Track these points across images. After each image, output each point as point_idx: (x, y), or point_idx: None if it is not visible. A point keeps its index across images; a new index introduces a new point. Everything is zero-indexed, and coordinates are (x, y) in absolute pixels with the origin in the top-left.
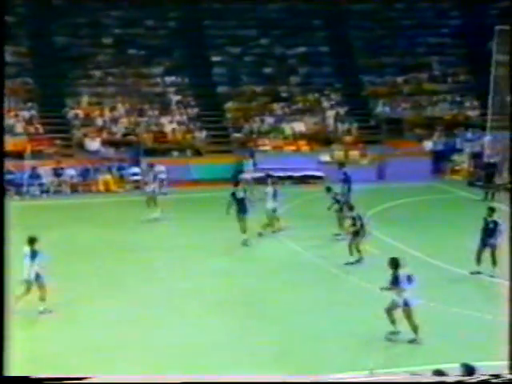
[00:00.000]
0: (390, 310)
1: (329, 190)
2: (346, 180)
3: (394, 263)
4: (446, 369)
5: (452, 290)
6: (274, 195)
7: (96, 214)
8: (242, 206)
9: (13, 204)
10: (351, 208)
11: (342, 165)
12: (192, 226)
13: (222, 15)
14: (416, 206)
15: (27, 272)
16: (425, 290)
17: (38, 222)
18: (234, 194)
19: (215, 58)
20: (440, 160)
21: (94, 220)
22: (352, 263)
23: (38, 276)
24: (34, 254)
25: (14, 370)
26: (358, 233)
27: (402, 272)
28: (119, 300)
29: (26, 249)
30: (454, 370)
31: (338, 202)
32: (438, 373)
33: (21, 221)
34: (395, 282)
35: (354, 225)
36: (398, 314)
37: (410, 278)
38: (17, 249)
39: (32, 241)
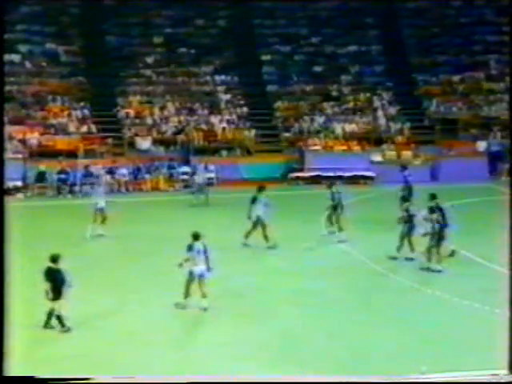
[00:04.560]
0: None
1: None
2: (407, 183)
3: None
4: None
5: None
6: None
7: (146, 212)
8: None
9: (65, 203)
10: (432, 210)
11: (404, 167)
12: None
13: (272, 13)
14: (471, 207)
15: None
16: (479, 293)
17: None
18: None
19: (265, 57)
20: (496, 161)
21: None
22: (433, 270)
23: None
24: None
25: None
26: (440, 236)
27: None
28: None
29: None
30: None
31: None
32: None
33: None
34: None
35: (434, 228)
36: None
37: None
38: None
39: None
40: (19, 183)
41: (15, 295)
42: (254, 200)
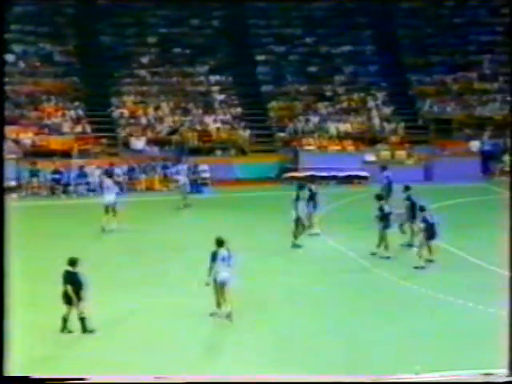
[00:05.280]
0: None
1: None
2: (389, 183)
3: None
4: (494, 372)
5: (499, 293)
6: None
7: (140, 212)
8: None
9: (60, 203)
10: (423, 209)
11: (383, 168)
12: (233, 226)
13: (266, 14)
14: (464, 207)
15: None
16: (472, 292)
17: (84, 219)
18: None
19: (259, 57)
20: (489, 161)
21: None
22: (423, 267)
23: None
24: None
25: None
26: (431, 234)
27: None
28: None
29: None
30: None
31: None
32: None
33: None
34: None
35: (426, 227)
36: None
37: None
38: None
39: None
40: (13, 183)
41: (14, 295)
42: (297, 198)
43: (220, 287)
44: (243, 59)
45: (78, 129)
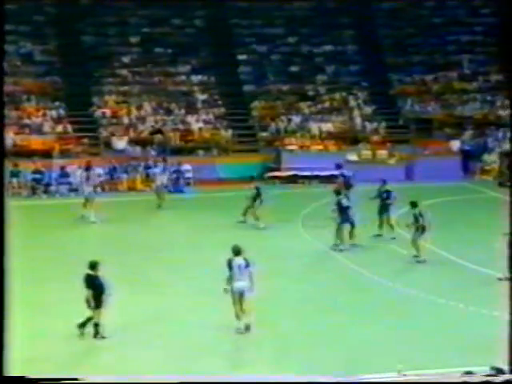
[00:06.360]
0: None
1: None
2: (347, 179)
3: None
4: (475, 371)
5: (480, 291)
6: None
7: (122, 212)
8: None
9: (41, 203)
10: (414, 205)
11: (339, 165)
12: (214, 225)
13: (248, 13)
14: (445, 206)
15: None
16: (453, 291)
17: (63, 220)
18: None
19: (242, 57)
20: (470, 160)
21: (121, 219)
22: (418, 258)
23: None
24: None
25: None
26: (423, 229)
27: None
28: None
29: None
30: (483, 372)
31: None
32: (468, 374)
33: (48, 219)
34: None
35: (417, 221)
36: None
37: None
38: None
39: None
40: None
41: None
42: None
43: (238, 297)
44: (225, 59)
45: (59, 129)
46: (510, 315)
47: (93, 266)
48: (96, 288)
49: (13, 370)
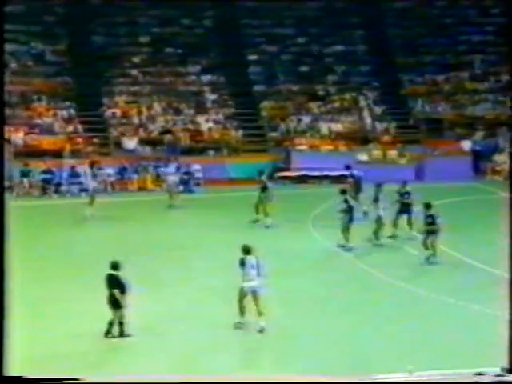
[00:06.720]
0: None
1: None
2: (357, 180)
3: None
4: (486, 371)
5: (492, 292)
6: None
7: (132, 212)
8: None
9: (52, 202)
10: (428, 206)
11: (347, 167)
12: (225, 225)
13: (258, 14)
14: (455, 206)
15: None
16: (462, 291)
17: (73, 219)
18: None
19: (251, 57)
20: (481, 160)
21: (131, 219)
22: (429, 259)
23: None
24: None
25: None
26: (434, 231)
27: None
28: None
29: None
30: (494, 373)
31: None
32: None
33: (59, 219)
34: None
35: (431, 223)
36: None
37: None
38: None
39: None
40: (5, 183)
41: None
42: (376, 199)
43: (252, 297)
44: (235, 59)
45: (70, 129)
46: (510, 315)
47: (115, 265)
48: (120, 287)
49: (28, 369)
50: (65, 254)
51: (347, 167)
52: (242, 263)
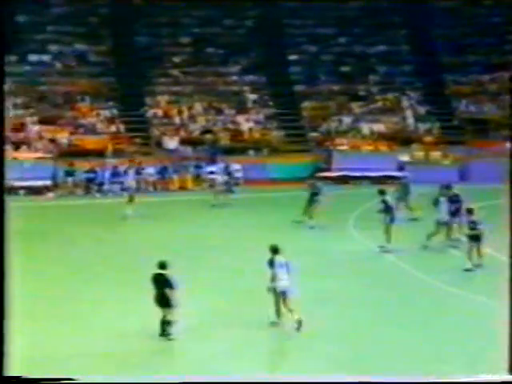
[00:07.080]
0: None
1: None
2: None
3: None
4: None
5: None
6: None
7: (173, 211)
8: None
9: (95, 201)
10: (470, 211)
11: (401, 167)
12: (265, 225)
13: (300, 13)
14: (500, 208)
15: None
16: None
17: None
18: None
19: (293, 57)
20: None
21: (172, 217)
22: (471, 269)
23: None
24: None
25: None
26: (478, 237)
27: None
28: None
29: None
30: None
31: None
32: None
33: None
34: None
35: (473, 229)
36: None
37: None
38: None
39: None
40: (49, 182)
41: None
42: (436, 202)
43: (282, 297)
44: (276, 59)
45: (112, 128)
46: (510, 315)
47: (163, 265)
48: (166, 287)
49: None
50: (107, 253)
51: (401, 168)
52: (271, 263)
